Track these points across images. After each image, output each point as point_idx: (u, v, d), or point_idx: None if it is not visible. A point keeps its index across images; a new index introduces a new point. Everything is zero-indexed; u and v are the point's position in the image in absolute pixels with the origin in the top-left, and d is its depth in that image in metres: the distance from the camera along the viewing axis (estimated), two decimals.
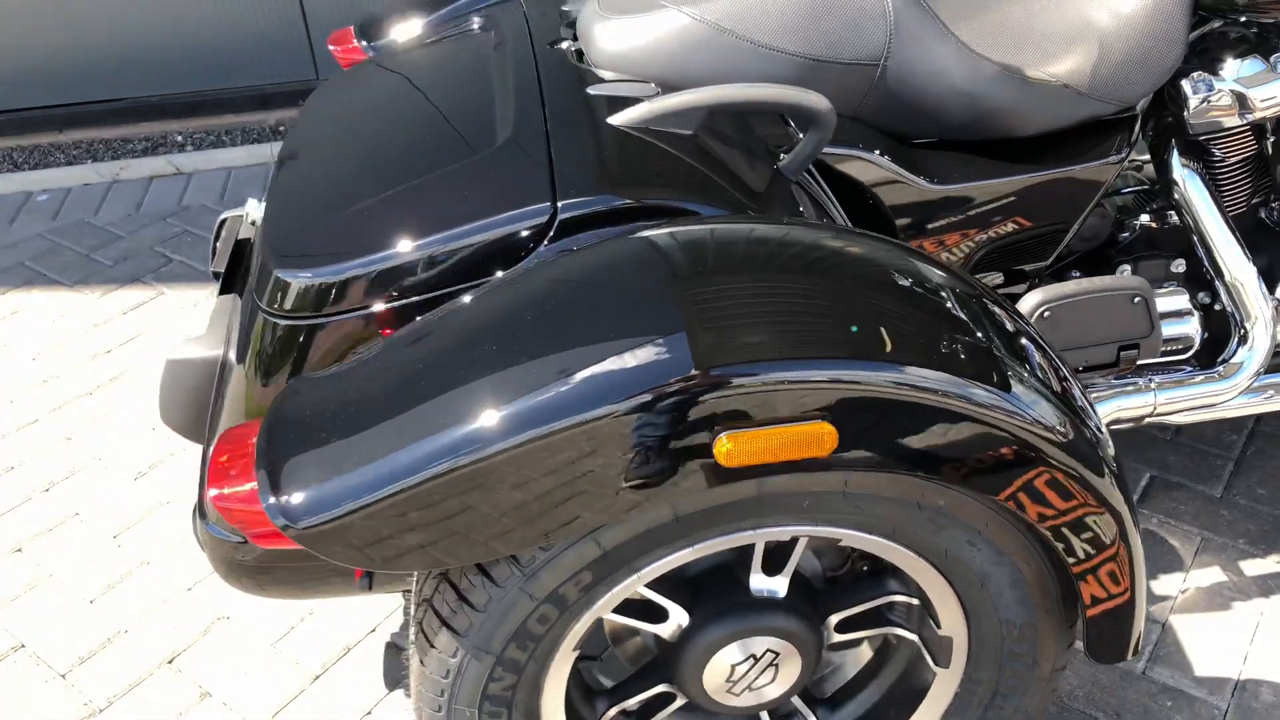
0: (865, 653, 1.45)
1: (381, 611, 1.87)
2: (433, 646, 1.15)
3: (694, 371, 0.98)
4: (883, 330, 1.03)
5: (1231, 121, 1.62)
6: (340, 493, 1.01)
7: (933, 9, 1.48)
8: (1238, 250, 1.65)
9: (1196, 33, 1.66)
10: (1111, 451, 1.12)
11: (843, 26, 1.45)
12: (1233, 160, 1.68)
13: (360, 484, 1.01)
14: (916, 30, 1.46)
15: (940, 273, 1.14)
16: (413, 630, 1.21)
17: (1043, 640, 1.24)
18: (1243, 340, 1.67)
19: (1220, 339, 1.72)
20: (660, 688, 1.32)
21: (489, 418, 1.00)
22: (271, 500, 1.02)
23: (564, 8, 1.77)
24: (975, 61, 1.48)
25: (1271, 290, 1.70)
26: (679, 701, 1.35)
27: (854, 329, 1.02)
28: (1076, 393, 1.12)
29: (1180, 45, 1.51)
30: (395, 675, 1.77)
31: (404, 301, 1.28)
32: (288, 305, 1.31)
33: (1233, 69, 1.60)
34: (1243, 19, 1.60)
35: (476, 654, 1.14)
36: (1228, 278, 1.65)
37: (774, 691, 1.29)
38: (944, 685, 1.31)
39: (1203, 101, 1.60)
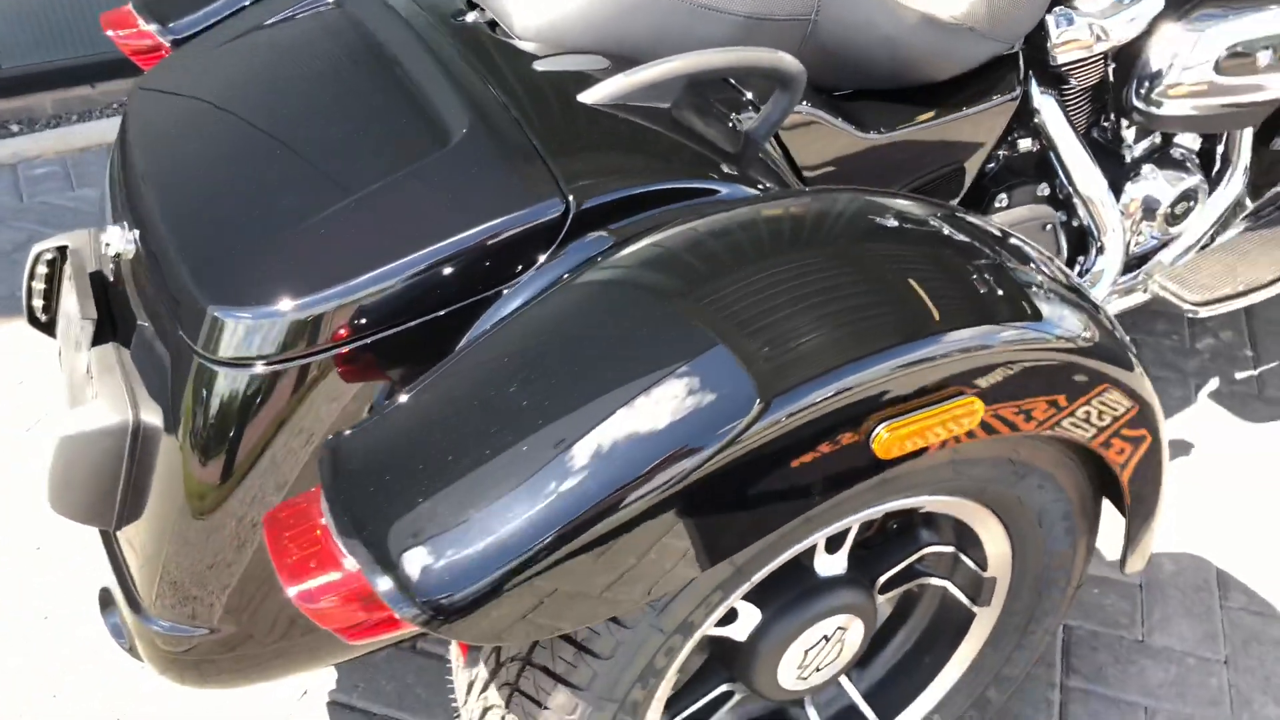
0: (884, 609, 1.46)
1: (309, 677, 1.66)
2: (544, 708, 1.02)
3: (838, 370, 0.92)
4: (981, 291, 1.02)
5: (1085, 52, 1.75)
6: (472, 566, 0.86)
7: None
8: (1092, 168, 1.80)
9: None
10: (1133, 348, 1.16)
11: None
12: (1083, 87, 1.82)
13: (491, 552, 0.86)
14: None
15: (984, 225, 1.14)
16: (498, 697, 1.07)
17: (1077, 562, 1.31)
18: (1100, 251, 1.84)
19: (1081, 252, 1.88)
20: (722, 688, 1.26)
21: (620, 457, 0.88)
22: (388, 586, 0.85)
23: None
24: (897, 10, 1.50)
25: (1117, 201, 1.87)
26: (737, 698, 1.30)
27: (959, 296, 1.00)
28: (1099, 303, 1.16)
29: None
30: None
31: (394, 329, 1.11)
32: (247, 349, 1.11)
33: (1088, 3, 1.72)
34: None
35: (599, 704, 1.02)
36: (1084, 195, 1.80)
37: (838, 666, 1.28)
38: (983, 622, 1.35)
39: (1064, 34, 1.71)
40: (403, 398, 1.02)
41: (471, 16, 1.44)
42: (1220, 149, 2.02)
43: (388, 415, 1.00)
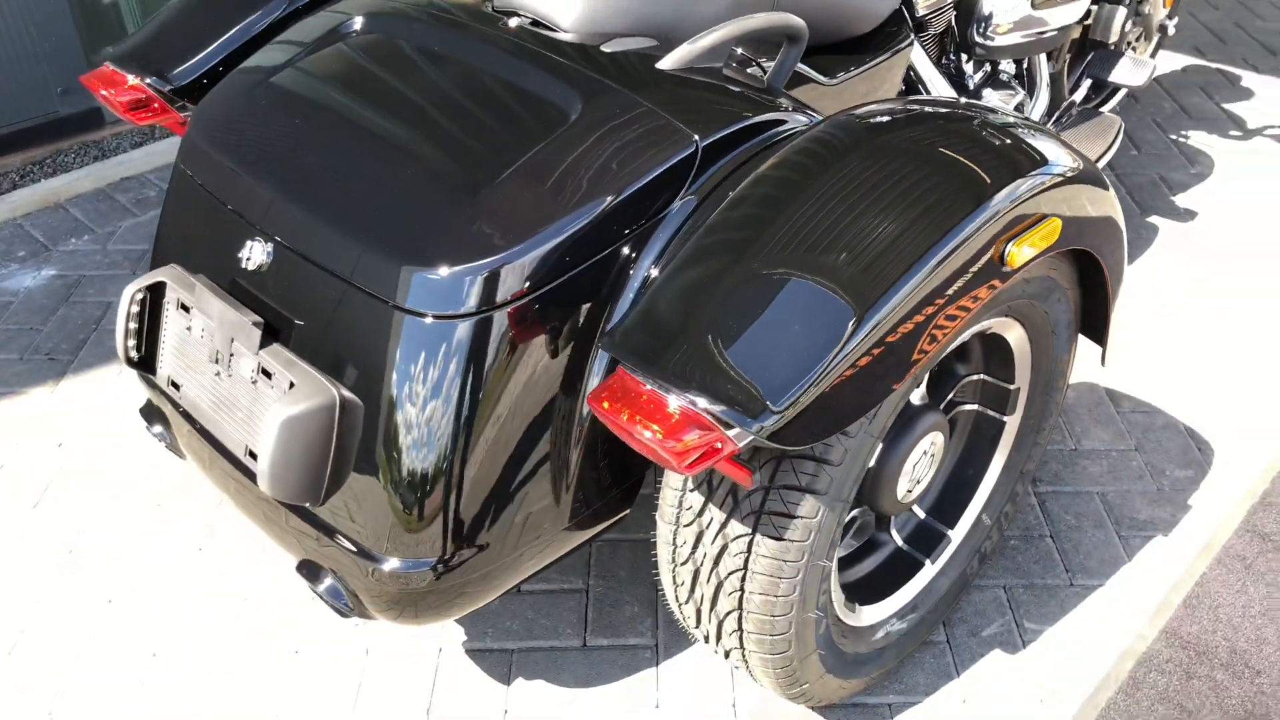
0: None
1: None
2: (794, 518, 1.31)
3: (1000, 203, 1.27)
4: (1022, 152, 1.40)
5: (940, 2, 2.22)
6: (784, 382, 1.14)
7: None
8: (949, 93, 2.28)
9: None
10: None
11: None
12: (937, 32, 2.29)
13: (793, 369, 1.15)
14: None
15: (1002, 113, 1.52)
16: (743, 527, 1.33)
17: (1069, 365, 1.74)
18: None
19: None
20: (852, 513, 1.59)
21: (874, 278, 1.19)
22: (731, 414, 1.12)
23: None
24: None
25: None
26: (857, 524, 1.63)
27: (1010, 159, 1.38)
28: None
29: None
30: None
31: (585, 265, 1.36)
32: (462, 303, 1.31)
33: None
34: None
35: (833, 505, 1.32)
36: None
37: (930, 476, 1.63)
38: (1010, 429, 1.75)
39: None
40: (656, 281, 1.27)
41: (514, 22, 1.69)
42: (1028, 73, 2.56)
43: (655, 295, 1.25)
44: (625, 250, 1.39)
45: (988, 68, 2.45)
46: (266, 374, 1.45)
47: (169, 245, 1.69)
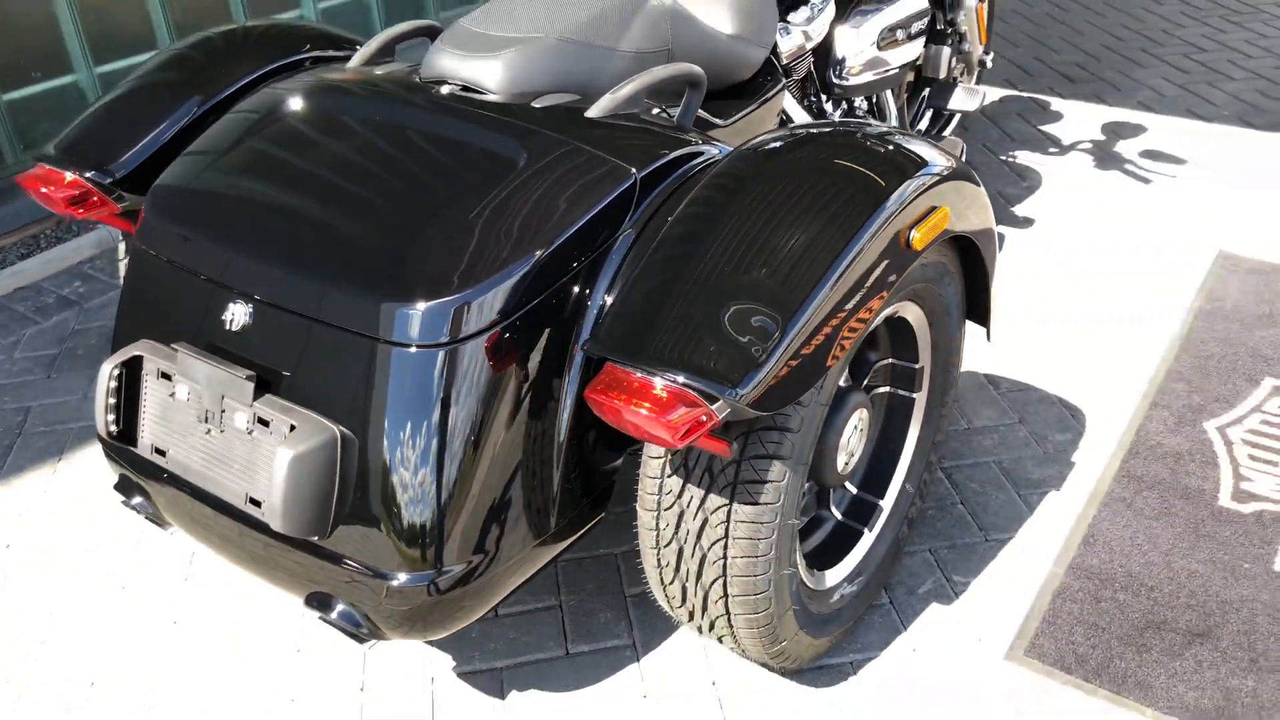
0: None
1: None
2: (765, 483, 1.50)
3: (900, 197, 1.51)
4: (906, 157, 1.66)
5: (799, 50, 2.52)
6: (752, 357, 1.34)
7: (688, 10, 2.11)
8: None
9: None
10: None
11: (645, 28, 2.00)
12: (800, 76, 2.59)
13: (760, 348, 1.35)
14: (682, 23, 2.08)
15: (887, 129, 1.78)
16: (721, 499, 1.52)
17: (960, 343, 2.00)
18: None
19: None
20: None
21: (810, 265, 1.41)
22: (712, 386, 1.31)
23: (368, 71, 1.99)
24: (711, 34, 2.15)
25: None
26: (804, 499, 1.84)
27: (900, 164, 1.64)
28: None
29: (774, 8, 2.36)
30: None
31: (546, 293, 1.54)
32: (442, 333, 1.47)
33: (796, 17, 2.50)
34: None
35: (796, 468, 1.52)
36: None
37: (860, 449, 1.85)
38: (919, 405, 2.00)
39: (787, 41, 2.47)
40: (623, 289, 1.46)
41: (446, 89, 1.87)
42: (878, 108, 2.89)
43: (625, 301, 1.43)
44: (583, 274, 1.57)
45: (844, 105, 2.77)
46: (263, 422, 1.56)
47: (135, 322, 1.77)
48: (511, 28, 1.90)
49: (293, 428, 1.53)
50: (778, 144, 1.63)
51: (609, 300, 1.56)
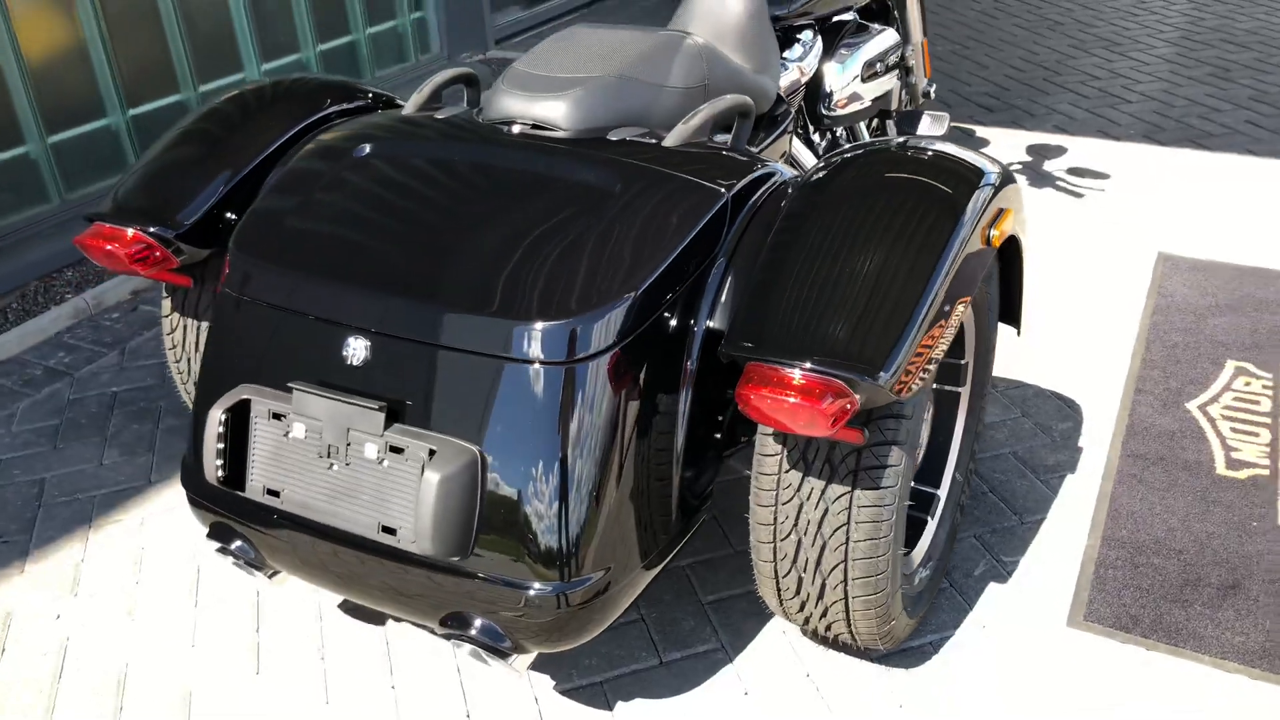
0: None
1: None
2: (885, 468, 1.63)
3: (980, 201, 1.68)
4: (968, 172, 1.83)
5: (794, 85, 2.71)
6: (889, 346, 1.47)
7: (718, 48, 2.26)
8: (809, 158, 2.77)
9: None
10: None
11: (686, 65, 2.15)
12: (796, 108, 2.77)
13: (892, 337, 1.48)
14: (715, 60, 2.23)
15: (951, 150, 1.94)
16: (842, 488, 1.63)
17: (995, 334, 2.18)
18: None
19: None
20: None
21: (921, 263, 1.55)
22: (858, 374, 1.43)
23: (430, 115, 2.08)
24: (736, 69, 2.31)
25: None
26: None
27: (962, 182, 1.80)
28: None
29: (775, 46, 2.54)
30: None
31: (658, 312, 1.65)
32: (572, 350, 1.57)
33: (790, 54, 2.69)
34: (797, 23, 2.70)
35: (909, 452, 1.65)
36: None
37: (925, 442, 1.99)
38: (964, 398, 2.16)
39: (786, 76, 2.65)
40: (748, 296, 1.57)
41: (516, 128, 1.96)
42: (853, 136, 3.10)
43: (755, 306, 1.55)
44: (690, 290, 1.68)
45: (829, 135, 2.96)
46: (396, 450, 1.61)
47: (230, 368, 1.80)
48: (570, 69, 2.01)
49: (432, 452, 1.59)
50: (858, 161, 1.78)
51: (724, 309, 1.67)
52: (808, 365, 1.46)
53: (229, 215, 2.05)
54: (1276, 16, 6.00)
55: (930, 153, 1.79)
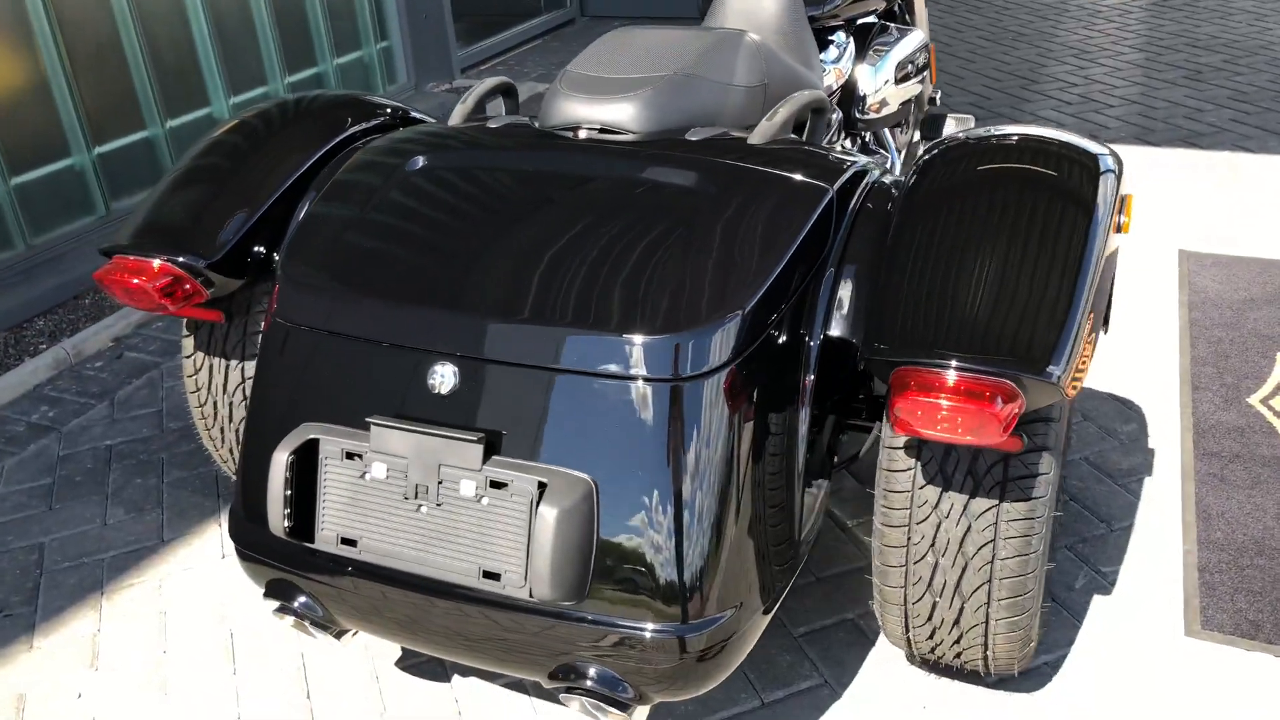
0: None
1: None
2: (1036, 476, 1.49)
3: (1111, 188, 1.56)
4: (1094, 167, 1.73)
5: (833, 86, 2.60)
6: (1054, 343, 1.34)
7: (771, 47, 2.14)
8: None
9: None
10: None
11: (747, 63, 2.03)
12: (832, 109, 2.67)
13: (1056, 333, 1.35)
14: (772, 58, 2.11)
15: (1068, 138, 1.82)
16: (989, 500, 1.50)
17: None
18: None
19: None
20: None
21: (1069, 255, 1.43)
22: (1030, 374, 1.30)
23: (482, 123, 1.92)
24: (795, 68, 2.19)
25: None
26: None
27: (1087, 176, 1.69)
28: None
29: (815, 47, 2.44)
30: None
31: (775, 318, 1.51)
32: (693, 365, 1.42)
33: (828, 55, 2.58)
34: (828, 24, 2.60)
35: (1056, 457, 1.52)
36: None
37: None
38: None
39: (825, 76, 2.55)
40: (881, 296, 1.43)
41: (582, 133, 1.82)
42: (877, 142, 3.01)
43: (889, 302, 1.41)
44: (805, 295, 1.54)
45: (859, 140, 2.86)
46: (497, 485, 1.44)
47: (289, 407, 1.61)
48: (631, 69, 1.87)
49: (542, 485, 1.42)
50: (971, 151, 1.65)
51: (847, 313, 1.54)
52: (970, 366, 1.33)
53: (263, 241, 1.87)
54: (1233, 21, 6.11)
55: (1044, 140, 1.68)
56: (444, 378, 1.50)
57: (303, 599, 1.64)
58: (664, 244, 1.52)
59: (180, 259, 1.80)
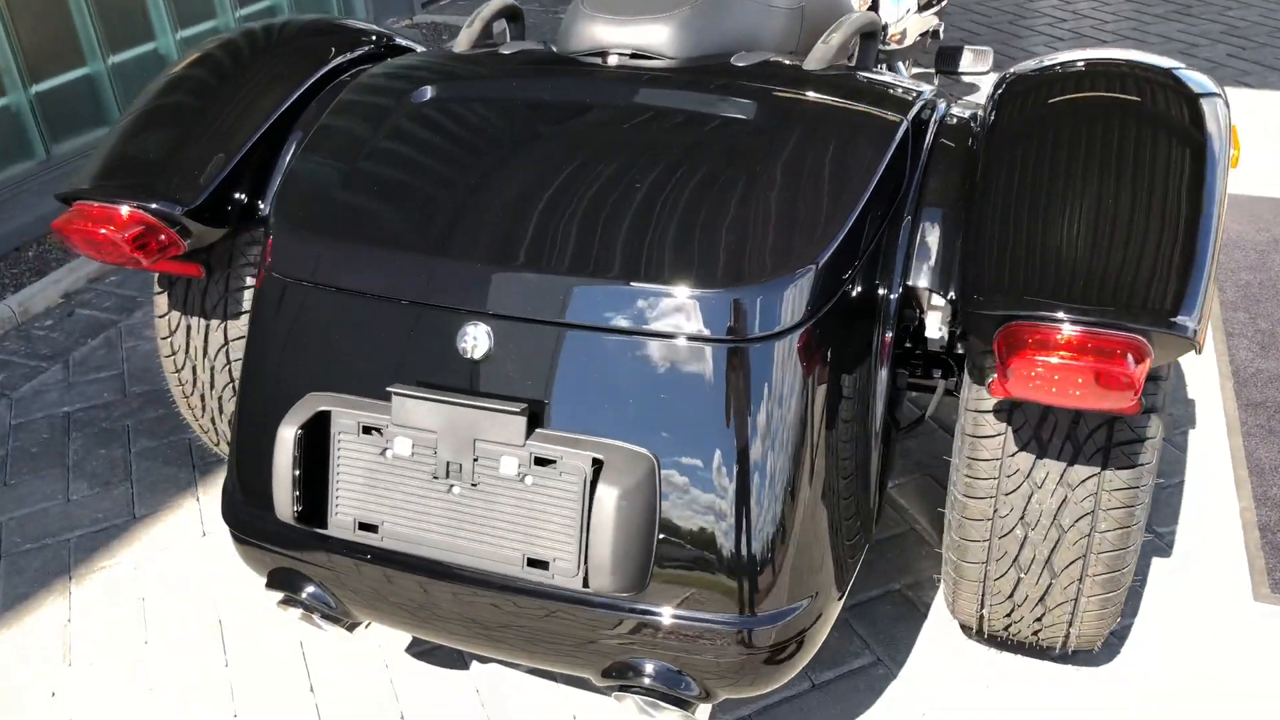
0: None
1: None
2: (1143, 440, 1.34)
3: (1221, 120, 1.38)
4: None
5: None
6: (1186, 294, 1.18)
7: None
8: None
9: None
10: None
11: None
12: None
13: (1186, 283, 1.19)
14: None
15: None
16: (1089, 469, 1.35)
17: None
18: None
19: None
20: None
21: (1192, 196, 1.26)
22: (1163, 328, 1.14)
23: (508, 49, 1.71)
24: None
25: None
26: None
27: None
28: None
29: None
30: None
31: (853, 269, 1.33)
32: (765, 324, 1.24)
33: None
34: None
35: (1164, 420, 1.37)
36: None
37: None
38: None
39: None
40: (986, 244, 1.26)
41: (612, 59, 1.61)
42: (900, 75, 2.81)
43: (988, 245, 1.24)
44: (884, 237, 1.37)
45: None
46: (543, 462, 1.26)
47: (291, 375, 1.41)
48: None
49: (597, 461, 1.24)
50: (1063, 80, 1.47)
51: (931, 263, 1.36)
52: (1099, 320, 1.16)
53: (246, 185, 1.64)
54: None
55: (1135, 65, 1.50)
56: (476, 340, 1.31)
57: (311, 589, 1.45)
58: (721, 186, 1.33)
59: (153, 206, 1.58)
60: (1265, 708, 1.63)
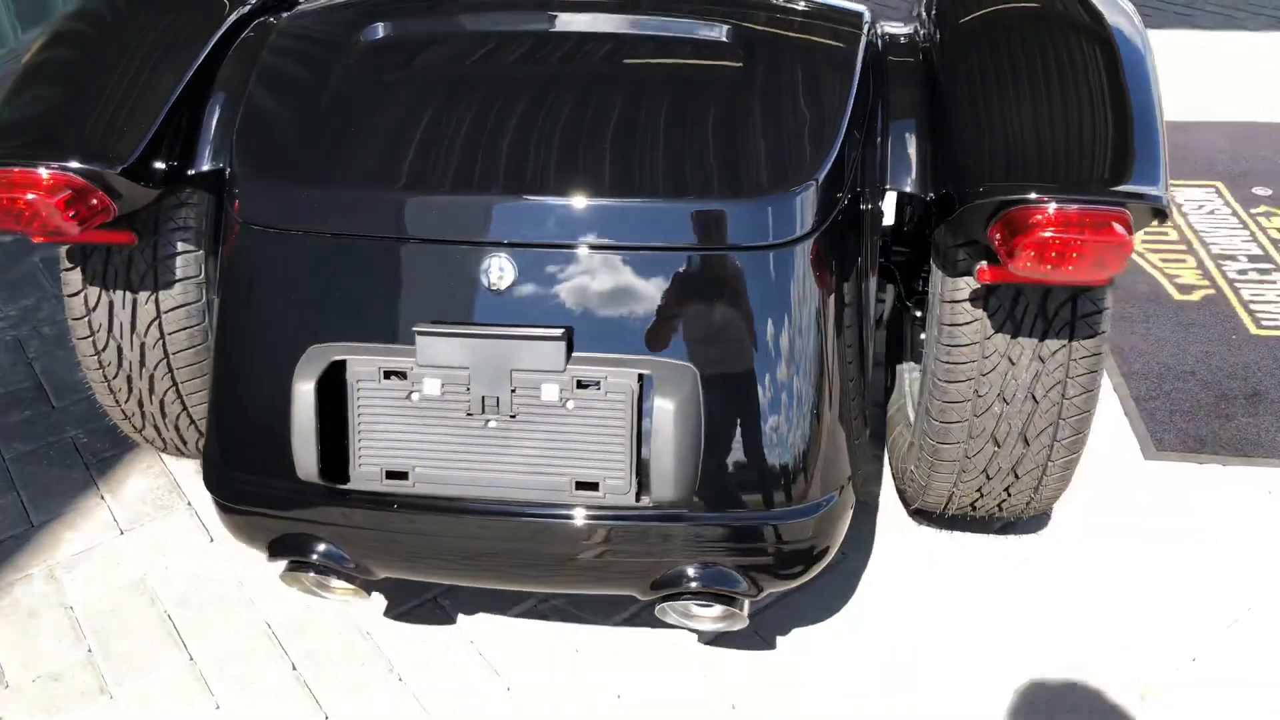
0: None
1: None
2: (1102, 310, 1.50)
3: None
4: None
5: None
6: (1157, 166, 1.33)
7: None
8: None
9: None
10: None
11: None
12: None
13: (1149, 156, 1.34)
14: None
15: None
16: (1059, 341, 1.49)
17: None
18: None
19: None
20: None
21: (1136, 73, 1.42)
22: (1135, 200, 1.29)
23: None
24: None
25: None
26: None
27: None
28: None
29: None
30: None
31: (848, 169, 1.42)
32: (785, 230, 1.31)
33: None
34: None
35: (1113, 287, 1.53)
36: None
37: None
38: None
39: None
40: (967, 132, 1.37)
41: None
42: None
43: (971, 138, 1.35)
44: (867, 143, 1.46)
45: None
46: (584, 385, 1.28)
47: (284, 329, 1.35)
48: None
49: (642, 377, 1.27)
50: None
51: (912, 163, 1.47)
52: (1089, 197, 1.29)
53: (174, 141, 1.53)
54: None
55: None
56: (501, 271, 1.30)
57: (324, 549, 1.40)
58: (717, 107, 1.38)
59: (80, 166, 1.44)
60: (1167, 541, 1.86)
